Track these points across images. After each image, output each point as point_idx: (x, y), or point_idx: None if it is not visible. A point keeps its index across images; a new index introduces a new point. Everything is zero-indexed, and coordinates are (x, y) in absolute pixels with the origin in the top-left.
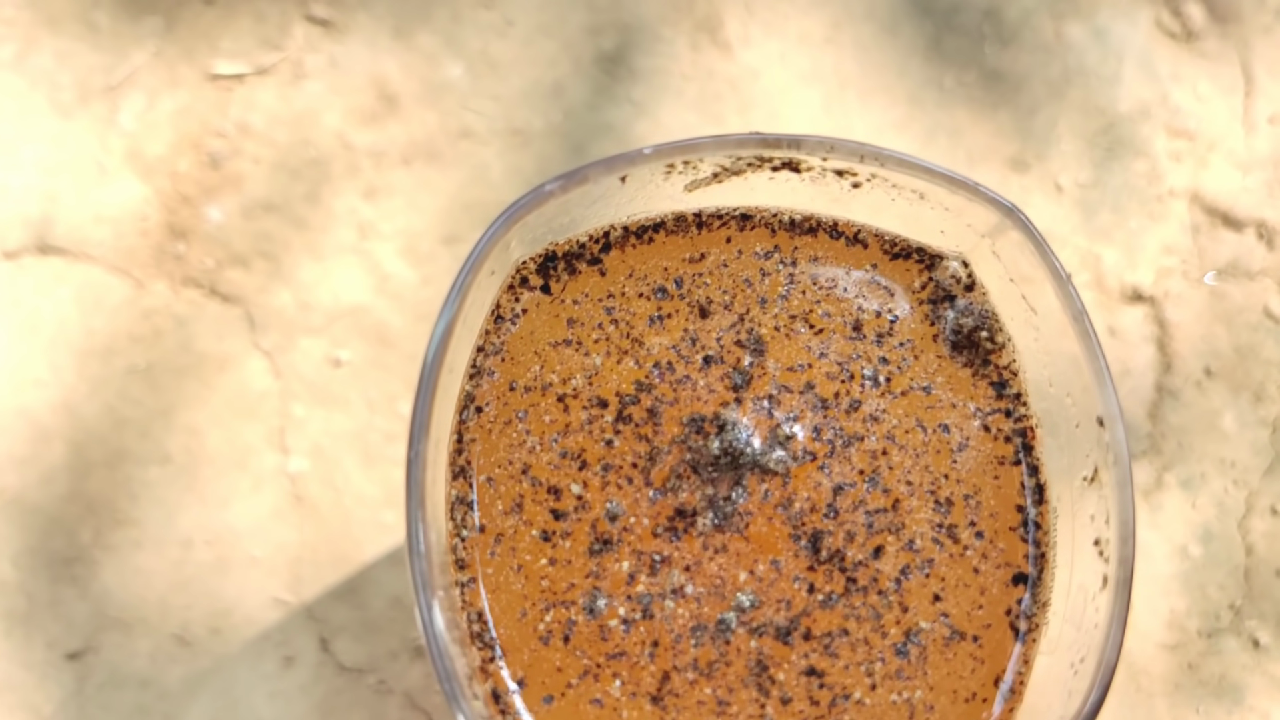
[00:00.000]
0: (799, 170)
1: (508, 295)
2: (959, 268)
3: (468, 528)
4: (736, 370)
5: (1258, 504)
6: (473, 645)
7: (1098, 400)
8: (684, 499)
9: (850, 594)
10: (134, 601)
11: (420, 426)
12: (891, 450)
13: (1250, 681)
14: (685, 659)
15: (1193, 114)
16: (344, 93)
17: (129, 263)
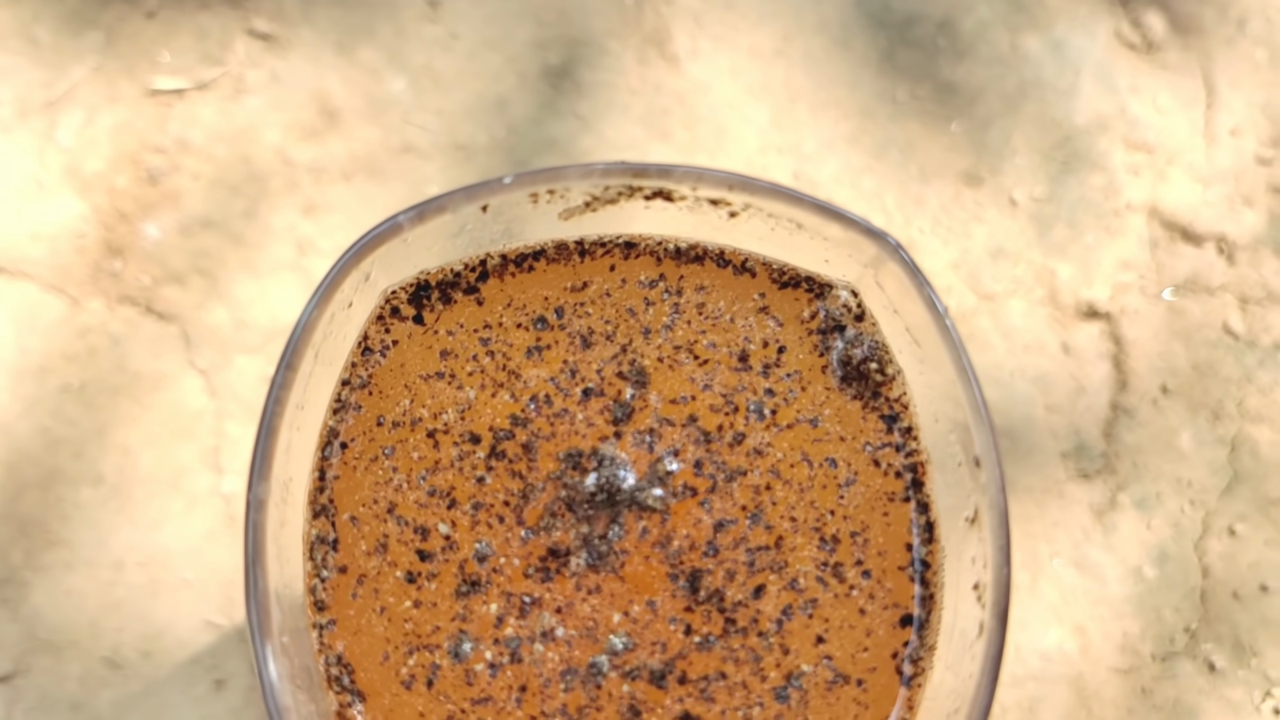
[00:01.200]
0: (672, 199)
1: (376, 326)
2: (849, 297)
3: (328, 568)
4: (617, 403)
5: (1215, 524)
6: (330, 689)
7: (975, 439)
8: (557, 538)
9: (729, 635)
10: (64, 624)
11: (259, 469)
12: (776, 485)
13: (1206, 706)
14: (554, 704)
15: (1152, 126)
16: (285, 108)
17: (65, 280)
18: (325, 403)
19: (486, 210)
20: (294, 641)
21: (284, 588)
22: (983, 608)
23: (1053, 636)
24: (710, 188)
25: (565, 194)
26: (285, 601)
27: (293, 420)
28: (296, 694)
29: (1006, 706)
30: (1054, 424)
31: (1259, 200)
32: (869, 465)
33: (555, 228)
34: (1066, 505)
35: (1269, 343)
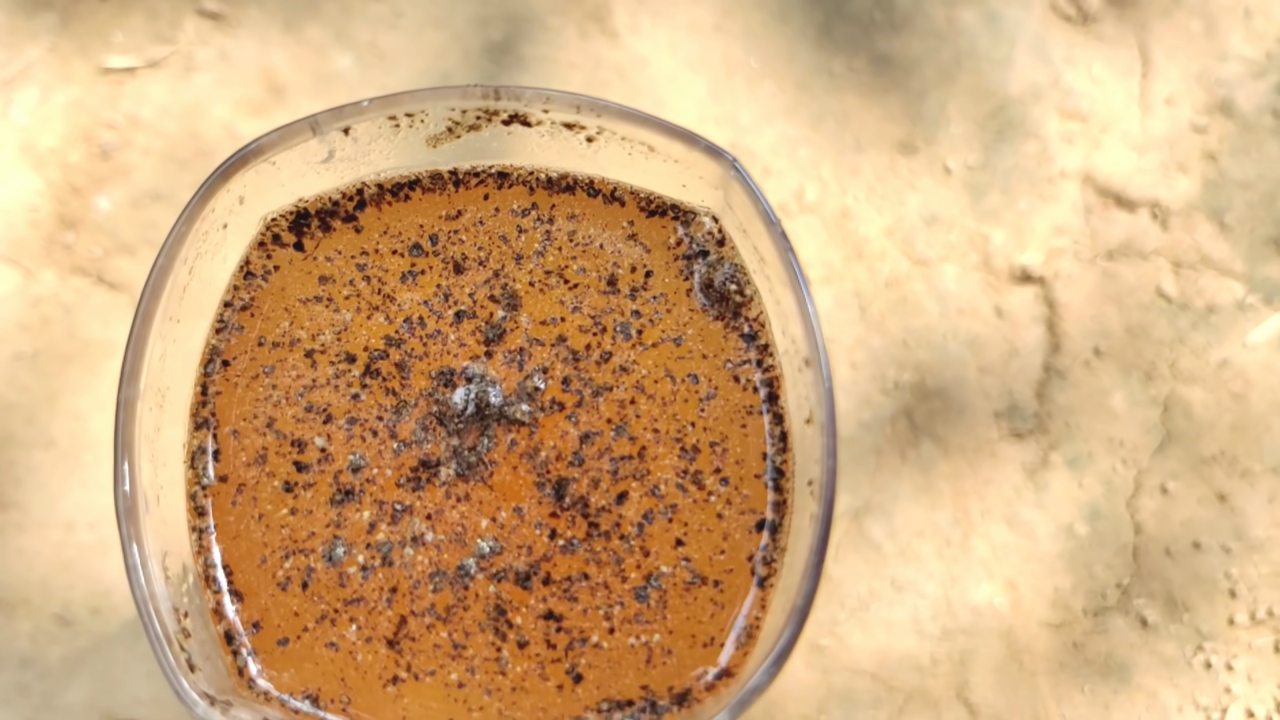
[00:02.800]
0: (530, 124)
1: (258, 251)
2: (711, 224)
3: (208, 477)
4: (489, 325)
5: (1147, 483)
6: (208, 589)
7: (804, 343)
8: (429, 450)
9: (592, 539)
10: (16, 583)
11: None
12: (640, 400)
13: (1138, 660)
14: (423, 604)
15: (1086, 95)
16: (233, 85)
17: (19, 253)
18: (206, 321)
19: (349, 133)
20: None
21: (159, 490)
22: (815, 501)
23: (984, 591)
24: (560, 109)
25: (425, 118)
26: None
27: (164, 331)
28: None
29: (938, 659)
30: (986, 385)
31: (1193, 167)
32: (729, 381)
33: (428, 156)
34: (999, 464)
35: (1202, 305)
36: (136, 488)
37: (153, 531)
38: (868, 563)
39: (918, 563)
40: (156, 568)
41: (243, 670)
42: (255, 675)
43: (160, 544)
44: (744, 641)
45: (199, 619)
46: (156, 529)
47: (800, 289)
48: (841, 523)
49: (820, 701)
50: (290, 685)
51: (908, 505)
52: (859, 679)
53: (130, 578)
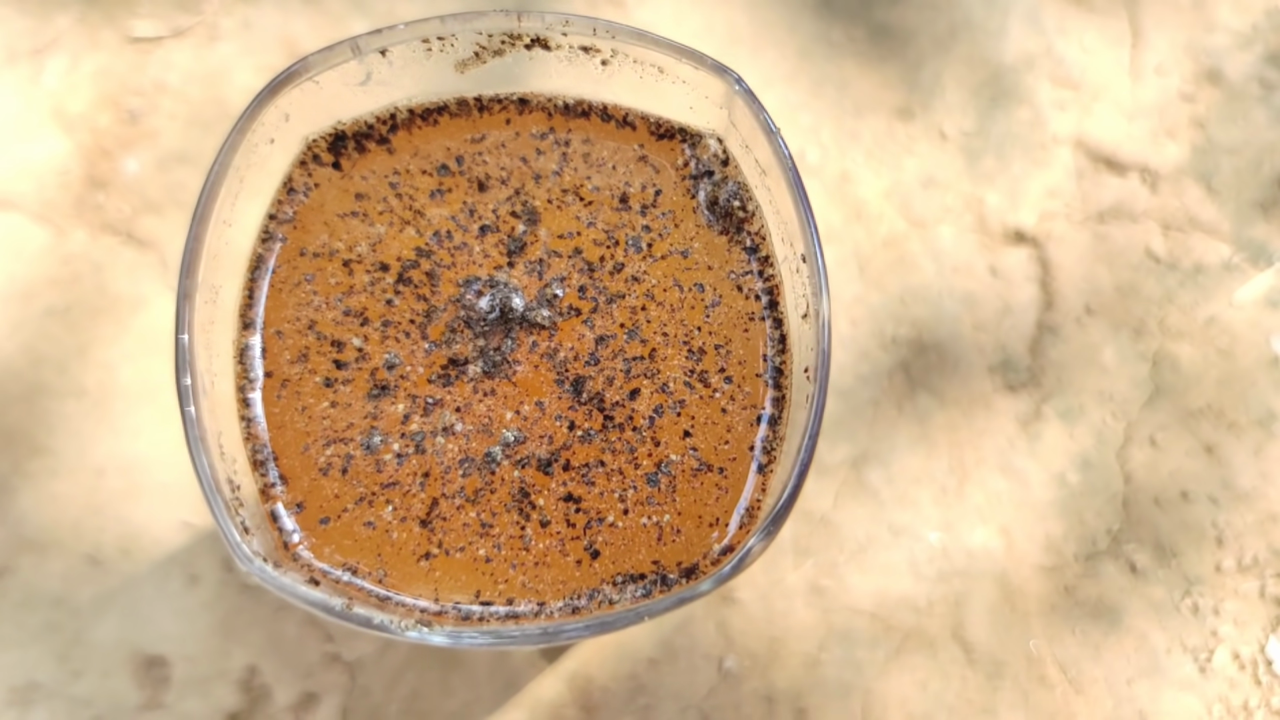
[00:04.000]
0: (549, 48)
1: (300, 170)
2: (717, 145)
3: (254, 372)
4: (511, 238)
5: (1137, 434)
6: (255, 472)
7: (800, 239)
8: (457, 350)
9: (607, 430)
10: (49, 525)
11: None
12: (650, 306)
13: (1128, 604)
14: (453, 487)
15: (1078, 65)
16: (255, 52)
17: (51, 212)
18: (253, 231)
19: (385, 55)
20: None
21: (213, 377)
22: (811, 382)
23: (979, 536)
24: (578, 32)
25: (454, 42)
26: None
27: (218, 233)
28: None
29: (934, 600)
30: (981, 341)
31: (1181, 133)
32: (732, 289)
33: (456, 82)
34: (993, 416)
35: (1190, 265)
36: (195, 370)
37: (209, 413)
38: (866, 508)
39: (914, 508)
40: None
41: (288, 544)
42: (299, 549)
43: (215, 425)
44: (746, 521)
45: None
46: (212, 410)
47: (797, 190)
48: (841, 470)
49: (821, 639)
50: (331, 559)
51: (905, 454)
52: (858, 618)
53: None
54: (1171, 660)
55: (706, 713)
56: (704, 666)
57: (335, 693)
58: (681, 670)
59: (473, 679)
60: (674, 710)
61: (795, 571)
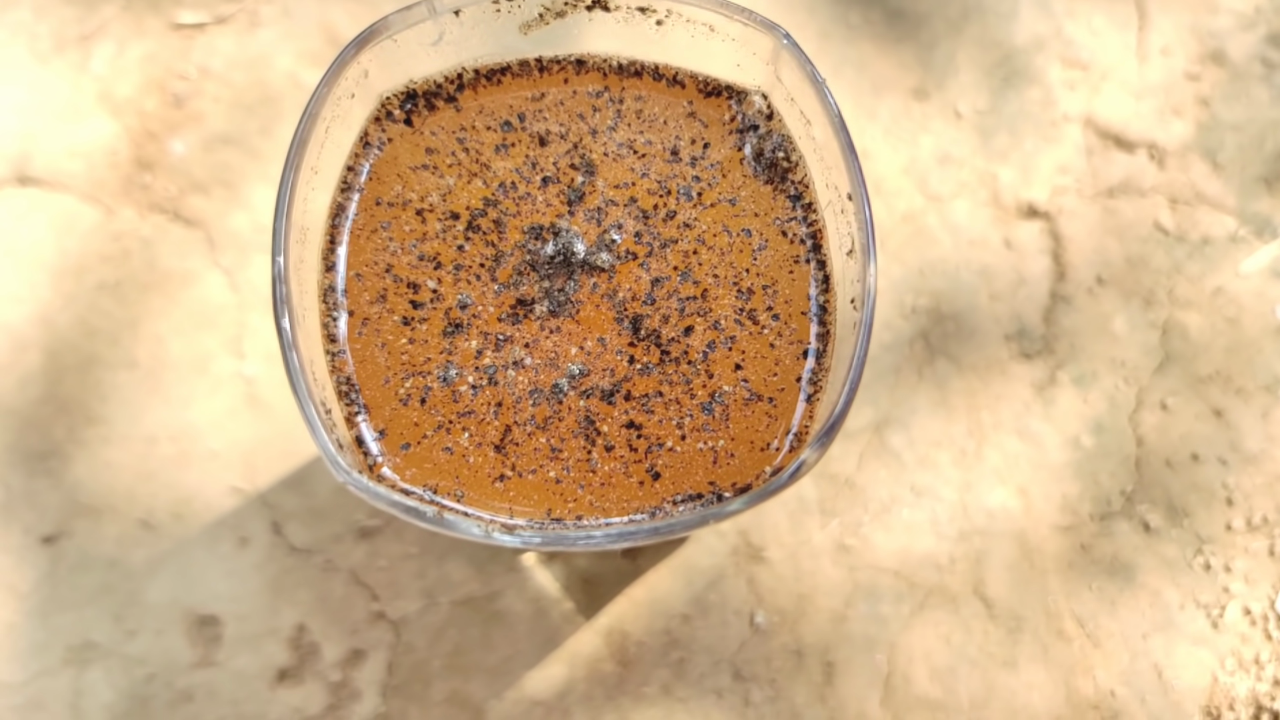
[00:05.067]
0: (609, 9)
1: (374, 125)
2: (761, 101)
3: (338, 310)
4: (570, 188)
5: (1148, 399)
6: (341, 401)
7: (846, 179)
8: (524, 291)
9: (664, 364)
10: (103, 491)
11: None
12: (701, 250)
13: (1141, 561)
14: (524, 415)
15: (1086, 46)
16: (295, 38)
17: (100, 192)
18: (334, 181)
19: (459, 15)
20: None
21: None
22: (857, 311)
23: (997, 496)
24: None
25: (523, 3)
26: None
27: (307, 179)
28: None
29: (956, 558)
30: (997, 311)
31: (1187, 111)
32: (778, 235)
33: (519, 44)
34: (1009, 381)
35: (1197, 238)
36: (291, 301)
37: (302, 341)
38: (889, 470)
39: (935, 470)
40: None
41: (373, 466)
42: (384, 470)
43: (307, 354)
44: (795, 445)
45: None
46: (305, 340)
47: (843, 133)
48: (864, 434)
49: (848, 596)
50: (413, 479)
51: (925, 418)
52: (883, 576)
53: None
54: (1185, 615)
55: (738, 666)
56: (735, 622)
57: (381, 649)
58: (713, 625)
59: (513, 635)
60: (707, 663)
61: (822, 531)
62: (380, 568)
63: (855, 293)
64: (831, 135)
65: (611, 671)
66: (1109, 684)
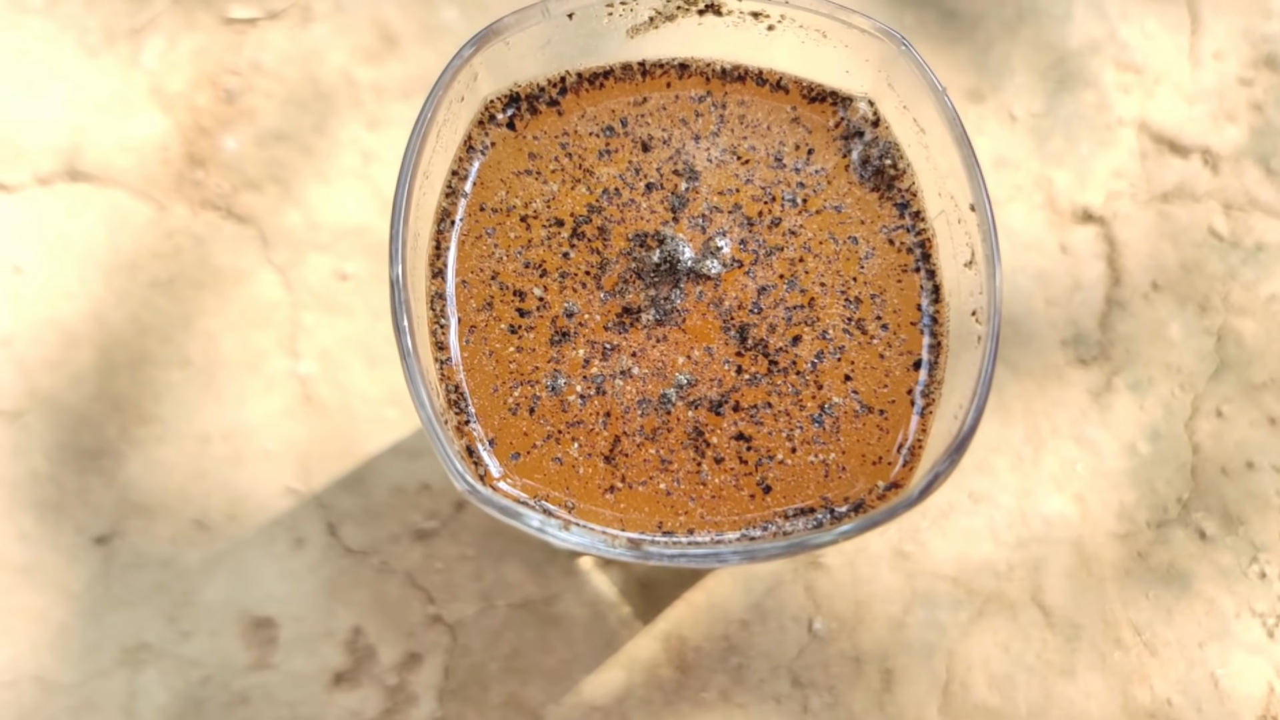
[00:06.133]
0: (721, 13)
1: (478, 129)
2: (866, 107)
3: (445, 317)
4: (674, 195)
5: (1204, 406)
6: (450, 410)
7: (969, 190)
8: (630, 299)
9: (773, 374)
10: (156, 490)
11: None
12: (807, 258)
13: (1198, 569)
14: (633, 426)
15: (1140, 50)
16: (348, 34)
17: (152, 187)
18: (439, 187)
19: (572, 18)
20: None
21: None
22: (979, 324)
23: (1054, 503)
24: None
25: (635, 7)
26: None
27: (421, 185)
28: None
29: (1014, 565)
30: (1053, 316)
31: (1241, 116)
32: (885, 243)
33: (623, 47)
34: (1065, 387)
35: (1251, 244)
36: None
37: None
38: None
39: (993, 476)
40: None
41: (484, 477)
42: (496, 480)
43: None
44: (909, 459)
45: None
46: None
47: (966, 144)
48: None
49: (906, 603)
50: (523, 489)
51: (983, 424)
52: (940, 582)
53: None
54: (1240, 624)
55: (796, 672)
56: (793, 628)
57: (437, 652)
58: (772, 631)
59: (570, 638)
60: (765, 670)
61: (879, 537)
62: (436, 569)
63: (976, 305)
64: (951, 144)
65: (670, 677)
66: (1165, 693)
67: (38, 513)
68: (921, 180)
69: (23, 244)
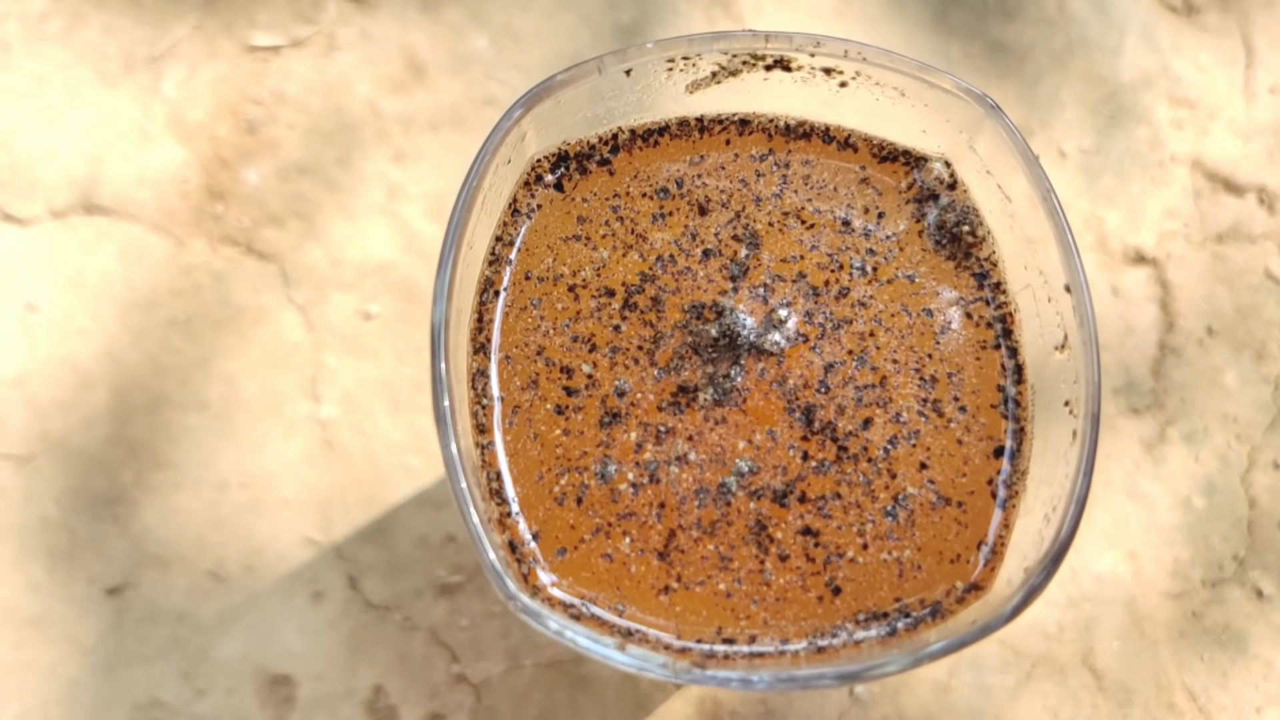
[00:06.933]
0: (790, 69)
1: (524, 191)
2: (942, 168)
3: (487, 397)
4: (733, 262)
5: (1260, 459)
6: (491, 500)
7: (1063, 270)
8: (686, 377)
9: (842, 461)
10: (172, 540)
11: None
12: (879, 332)
13: (1254, 630)
14: (690, 519)
15: (1194, 84)
16: (374, 63)
17: (170, 222)
18: (482, 254)
19: (630, 74)
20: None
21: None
22: (1074, 418)
23: (1106, 561)
24: (827, 55)
25: (697, 62)
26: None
27: (465, 257)
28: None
29: (1064, 625)
30: (1105, 362)
31: None
32: (962, 316)
33: (681, 103)
34: (1118, 438)
35: None
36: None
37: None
38: None
39: None
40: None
41: (526, 576)
42: (539, 580)
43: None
44: (990, 558)
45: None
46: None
47: (1060, 218)
48: None
49: (951, 665)
50: (571, 590)
51: None
52: (987, 644)
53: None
54: None
55: None
56: (834, 692)
57: (461, 713)
58: (811, 695)
59: (601, 700)
60: None
61: None
62: (462, 626)
63: (1069, 394)
64: (1044, 217)
65: None
66: None
67: (48, 562)
68: (1003, 249)
69: (36, 280)
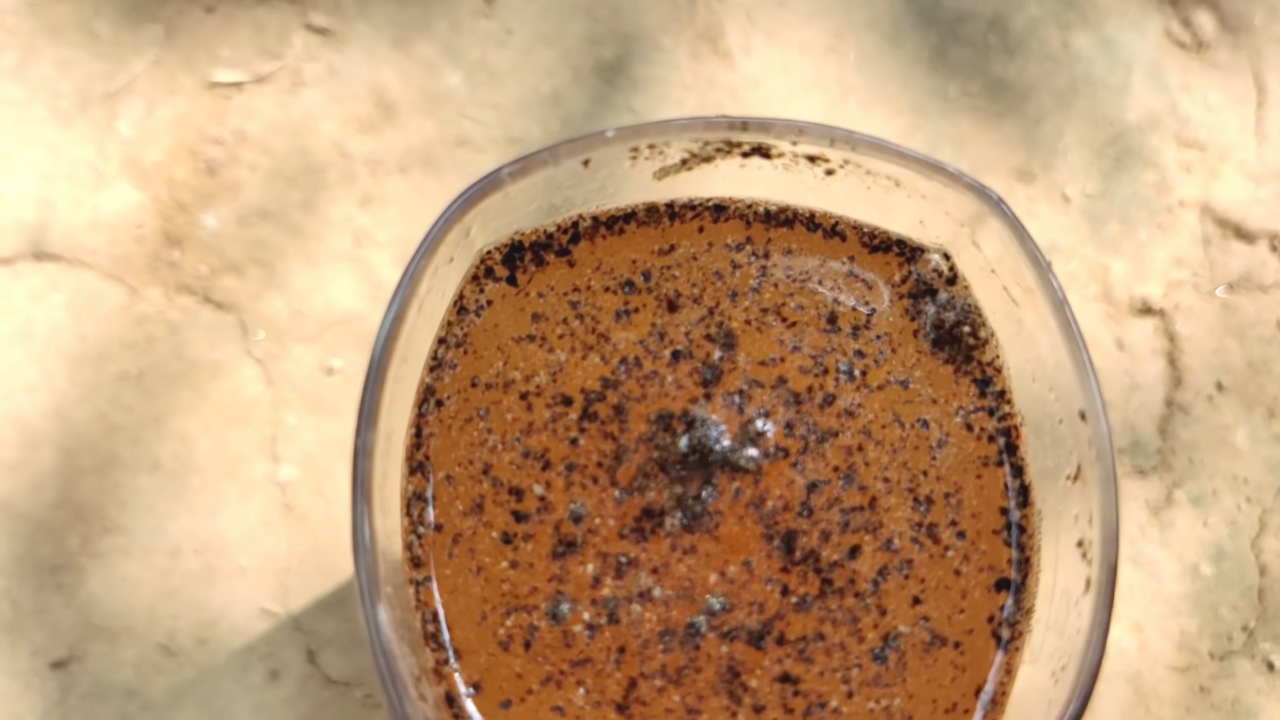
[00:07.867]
0: (769, 156)
1: (471, 286)
2: (940, 260)
3: (424, 525)
4: (706, 365)
5: (1271, 522)
6: (426, 646)
7: (1079, 394)
8: (651, 498)
9: (826, 596)
10: (120, 610)
11: (368, 416)
12: (868, 446)
13: (1265, 706)
14: (653, 665)
15: (1203, 124)
16: (342, 101)
17: (123, 269)
18: (422, 359)
19: (588, 165)
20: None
21: (385, 540)
22: (1089, 564)
23: (1111, 634)
24: (811, 142)
25: (664, 150)
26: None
27: (397, 372)
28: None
29: None
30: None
31: None
32: (961, 429)
33: (648, 188)
34: (1123, 501)
35: None
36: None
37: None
38: None
39: None
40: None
41: None
42: None
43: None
44: (990, 708)
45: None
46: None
47: (1076, 339)
48: None
49: None
50: None
51: None
52: None
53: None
54: None
55: None
56: None
57: None
58: None
59: None
60: None
61: None
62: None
63: (1081, 534)
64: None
65: None
66: None
67: None
68: (1008, 354)
69: None
